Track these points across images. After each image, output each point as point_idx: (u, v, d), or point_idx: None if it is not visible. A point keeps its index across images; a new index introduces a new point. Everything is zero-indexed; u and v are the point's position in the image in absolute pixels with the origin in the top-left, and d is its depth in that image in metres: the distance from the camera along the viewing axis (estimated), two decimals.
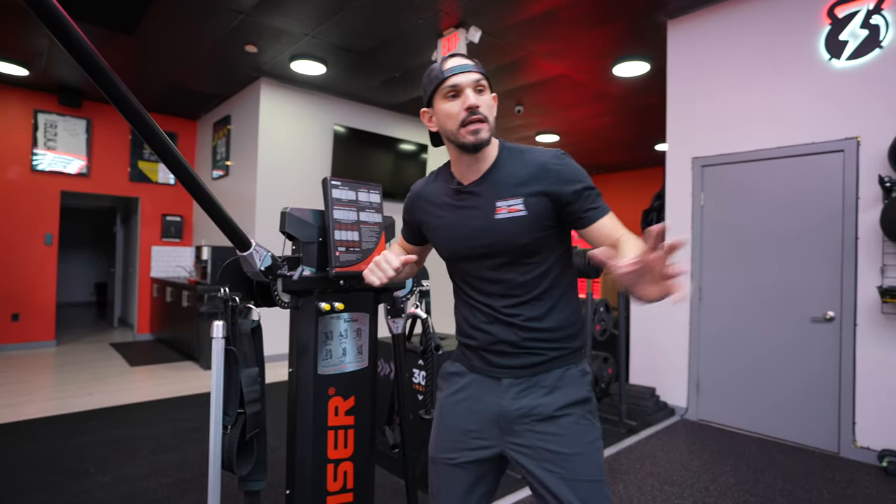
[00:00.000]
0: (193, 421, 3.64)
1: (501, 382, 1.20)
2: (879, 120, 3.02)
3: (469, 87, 1.12)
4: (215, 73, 5.51)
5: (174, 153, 1.14)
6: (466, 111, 1.11)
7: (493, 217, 1.14)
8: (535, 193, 1.12)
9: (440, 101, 1.15)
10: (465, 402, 1.25)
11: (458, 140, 1.14)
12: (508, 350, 1.19)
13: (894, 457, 2.87)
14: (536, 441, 1.15)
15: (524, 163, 1.16)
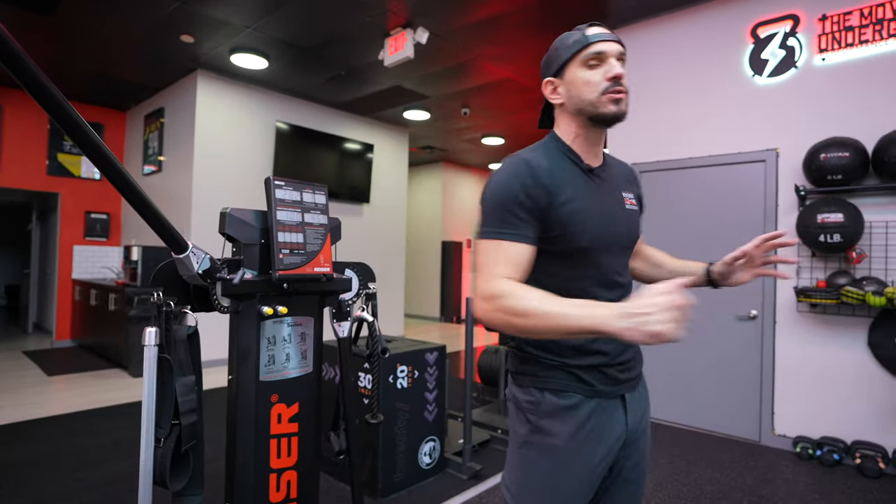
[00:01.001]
0: (121, 433, 3.41)
1: (625, 399, 1.09)
2: (796, 133, 3.28)
3: (614, 56, 1.05)
4: (147, 62, 5.19)
5: (100, 147, 1.05)
6: (610, 80, 1.03)
7: (625, 206, 1.13)
8: (637, 194, 1.21)
9: (578, 68, 1.05)
10: (591, 434, 1.03)
11: (597, 110, 1.03)
12: (631, 358, 1.11)
13: (807, 443, 3.13)
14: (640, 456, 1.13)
15: (619, 163, 1.24)
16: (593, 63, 1.04)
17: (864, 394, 3.02)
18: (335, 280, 1.74)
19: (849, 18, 3.15)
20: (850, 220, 2.89)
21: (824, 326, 3.16)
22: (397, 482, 2.60)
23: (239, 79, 5.61)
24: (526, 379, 1.08)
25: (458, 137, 7.97)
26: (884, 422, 2.97)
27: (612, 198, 1.10)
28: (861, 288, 2.89)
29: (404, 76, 5.40)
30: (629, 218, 1.13)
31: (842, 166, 2.96)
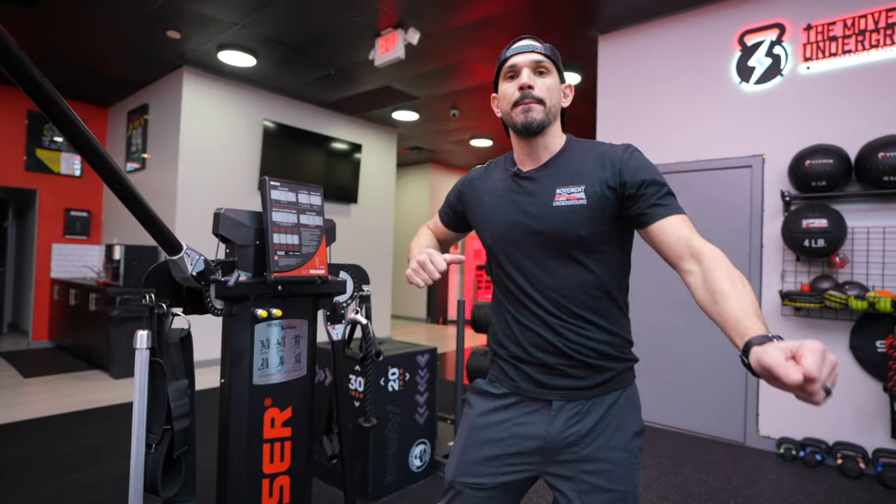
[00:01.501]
0: (103, 436, 3.33)
1: (552, 405, 1.08)
2: (781, 140, 3.34)
3: (527, 66, 1.08)
4: (132, 57, 5.09)
5: (93, 145, 1.03)
6: (519, 91, 1.07)
7: (552, 204, 1.06)
8: (599, 183, 1.04)
9: (502, 82, 1.13)
10: (503, 423, 1.12)
11: (511, 120, 1.10)
12: (561, 365, 1.07)
13: (790, 444, 3.18)
14: (581, 474, 1.05)
15: (590, 153, 1.10)
16: (510, 76, 1.12)
17: (845, 396, 3.09)
18: (330, 282, 1.72)
19: (833, 28, 3.22)
20: (834, 225, 2.95)
21: (808, 330, 3.22)
22: (388, 485, 2.58)
23: (226, 76, 5.53)
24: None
25: (446, 139, 7.97)
26: (864, 423, 3.04)
27: (535, 198, 1.09)
28: (844, 292, 2.95)
29: (394, 76, 5.38)
30: (558, 213, 1.05)
31: (826, 173, 3.02)
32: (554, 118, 1.11)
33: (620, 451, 1.06)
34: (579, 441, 1.06)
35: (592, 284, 1.07)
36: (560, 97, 1.13)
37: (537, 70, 1.09)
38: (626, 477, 1.05)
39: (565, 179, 1.08)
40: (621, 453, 1.06)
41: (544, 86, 1.08)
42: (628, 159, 1.04)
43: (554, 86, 1.10)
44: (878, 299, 2.83)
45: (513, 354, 1.13)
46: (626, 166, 1.03)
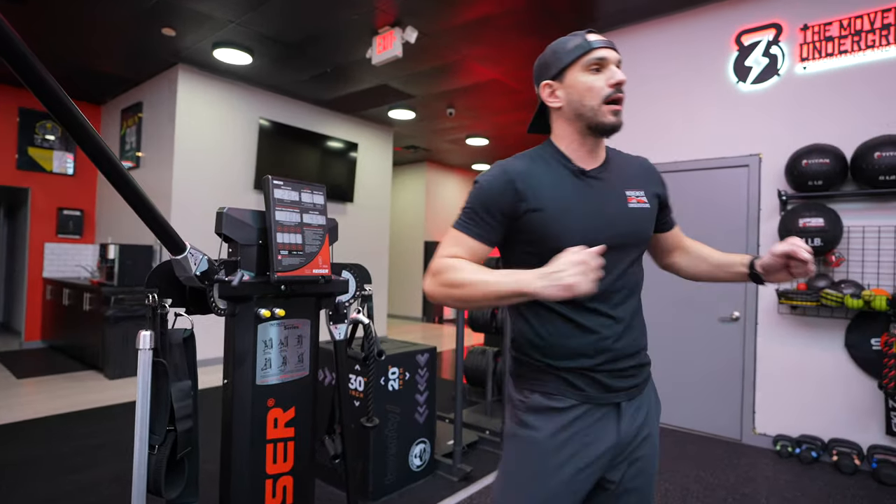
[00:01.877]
0: (100, 437, 3.30)
1: (620, 408, 1.06)
2: (778, 139, 3.36)
3: (615, 63, 1.06)
4: (126, 54, 5.04)
5: (98, 144, 1.02)
6: (613, 87, 1.03)
7: (627, 205, 1.09)
8: (651, 191, 1.16)
9: (580, 72, 1.04)
10: (575, 437, 1.03)
11: (597, 118, 1.05)
12: (629, 366, 1.07)
13: (786, 441, 3.21)
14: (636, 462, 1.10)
15: (631, 160, 1.22)
16: (595, 68, 1.05)
17: (840, 393, 3.12)
18: (333, 282, 1.71)
19: (829, 29, 3.24)
20: (830, 224, 2.98)
21: (804, 328, 3.24)
22: (388, 485, 2.58)
23: (222, 74, 5.50)
24: (521, 381, 1.11)
25: (442, 137, 7.96)
26: (859, 420, 3.07)
27: (610, 198, 1.08)
28: (840, 291, 2.98)
29: (391, 75, 5.37)
30: (632, 216, 1.08)
31: (822, 172, 3.04)
32: None
33: (656, 437, 1.17)
34: (640, 433, 1.10)
35: (641, 283, 1.15)
36: None
37: (618, 68, 1.07)
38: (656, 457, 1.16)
39: (627, 183, 1.12)
40: (656, 439, 1.17)
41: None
42: (660, 174, 1.24)
43: None
44: (874, 298, 2.85)
45: (576, 364, 1.04)
46: (662, 180, 1.23)
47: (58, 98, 0.90)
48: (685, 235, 1.34)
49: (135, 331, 4.91)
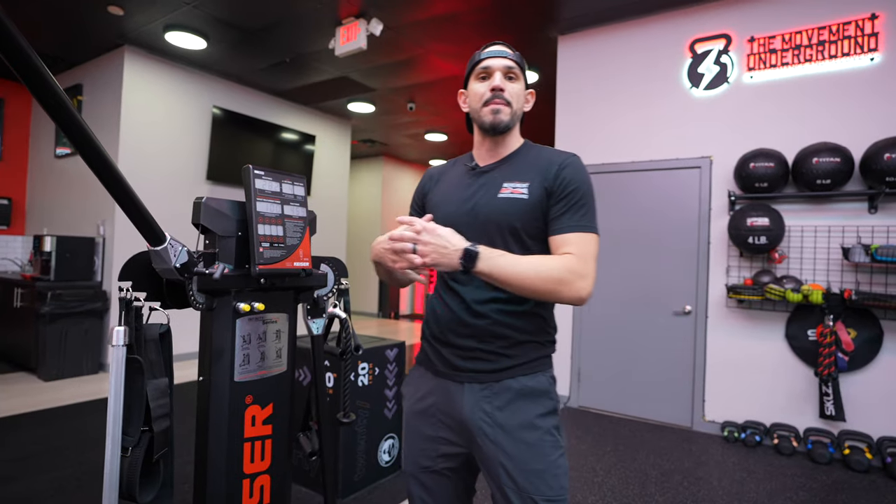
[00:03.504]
0: (36, 444, 3.07)
1: (463, 388, 1.16)
2: (728, 143, 3.57)
3: (499, 70, 1.19)
4: (65, 32, 4.69)
5: (76, 119, 0.95)
6: (491, 91, 1.17)
7: (497, 195, 1.17)
8: (539, 184, 1.15)
9: (473, 81, 1.23)
10: (430, 408, 1.22)
11: (480, 118, 1.20)
12: (477, 348, 1.15)
13: (733, 427, 3.42)
14: (495, 453, 1.11)
15: (538, 156, 1.21)
16: (482, 76, 1.21)
17: (781, 381, 3.36)
18: (313, 275, 1.67)
19: (772, 42, 3.47)
20: (774, 224, 3.19)
21: (749, 320, 3.47)
22: (357, 481, 2.55)
23: (173, 59, 5.21)
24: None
25: (401, 132, 7.91)
26: (797, 405, 3.32)
27: (484, 189, 1.20)
28: (782, 285, 3.20)
29: (351, 67, 5.28)
30: (499, 205, 1.16)
31: (767, 175, 3.26)
32: (517, 121, 1.23)
33: (532, 431, 1.10)
34: (489, 422, 1.12)
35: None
36: (523, 102, 1.24)
37: (507, 75, 1.20)
38: (540, 455, 1.10)
39: (513, 176, 1.18)
40: (533, 433, 1.10)
41: (513, 91, 1.19)
42: (565, 168, 1.15)
43: (520, 91, 1.22)
44: (811, 292, 3.09)
45: (433, 335, 1.22)
46: (559, 175, 1.14)
47: (33, 67, 0.83)
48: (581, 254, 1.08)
49: (73, 328, 4.64)
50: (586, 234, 1.10)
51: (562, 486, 1.10)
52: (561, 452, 1.12)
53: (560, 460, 1.11)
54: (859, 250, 2.99)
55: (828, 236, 3.23)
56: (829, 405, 3.10)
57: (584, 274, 1.05)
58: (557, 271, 1.03)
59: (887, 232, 3.08)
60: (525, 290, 1.03)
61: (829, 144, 3.14)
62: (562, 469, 1.11)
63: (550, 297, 1.05)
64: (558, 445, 1.12)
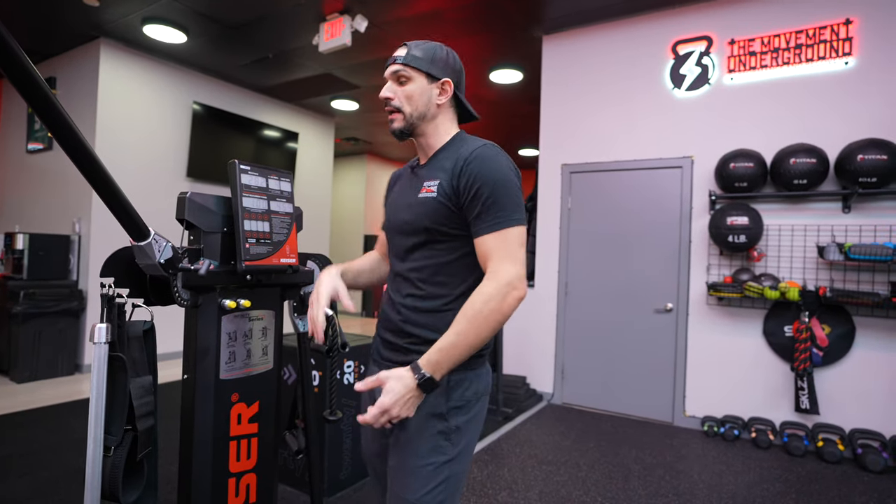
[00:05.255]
0: (9, 448, 2.98)
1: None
2: (709, 143, 3.63)
3: (389, 78, 1.19)
4: (37, 23, 4.55)
5: (60, 114, 0.92)
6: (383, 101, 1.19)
7: (417, 195, 1.16)
8: (448, 182, 1.11)
9: None
10: (369, 395, 1.22)
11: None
12: (391, 341, 1.20)
13: (712, 421, 3.49)
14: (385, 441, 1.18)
15: (455, 151, 1.15)
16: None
17: (759, 376, 3.44)
18: (299, 272, 1.66)
19: (752, 44, 3.54)
20: (753, 223, 3.26)
21: (729, 317, 3.54)
22: (343, 480, 2.54)
23: (151, 52, 5.11)
24: None
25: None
26: (773, 400, 3.40)
27: (411, 189, 1.21)
28: (760, 283, 3.27)
29: (335, 64, 5.24)
30: (416, 206, 1.15)
31: (747, 175, 3.33)
32: (421, 120, 1.18)
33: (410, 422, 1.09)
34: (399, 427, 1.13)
35: (432, 271, 1.15)
36: (429, 98, 1.17)
37: (399, 80, 1.17)
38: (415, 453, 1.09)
39: (430, 174, 1.17)
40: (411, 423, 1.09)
41: (403, 94, 1.16)
42: (471, 163, 1.08)
43: (415, 91, 1.16)
44: (788, 289, 3.17)
45: (378, 326, 1.28)
46: (465, 171, 1.08)
47: (15, 57, 0.81)
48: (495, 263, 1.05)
49: (48, 329, 4.51)
50: (503, 230, 1.04)
51: (428, 495, 1.06)
52: (441, 460, 1.08)
53: (434, 468, 1.08)
54: (833, 249, 3.08)
55: (804, 235, 3.32)
56: (805, 399, 3.18)
57: (507, 279, 1.02)
58: (487, 306, 1.01)
59: (860, 231, 3.17)
60: (481, 341, 1.03)
61: (805, 146, 3.22)
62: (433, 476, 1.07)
63: (502, 323, 1.04)
64: (439, 450, 1.09)
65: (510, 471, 2.84)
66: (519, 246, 1.05)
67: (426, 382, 1.01)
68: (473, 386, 1.14)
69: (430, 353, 1.02)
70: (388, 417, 1.00)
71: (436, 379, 1.01)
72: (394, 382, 1.01)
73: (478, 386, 1.15)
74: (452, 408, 1.10)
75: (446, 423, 1.10)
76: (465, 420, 1.12)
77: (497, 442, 3.29)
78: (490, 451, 3.14)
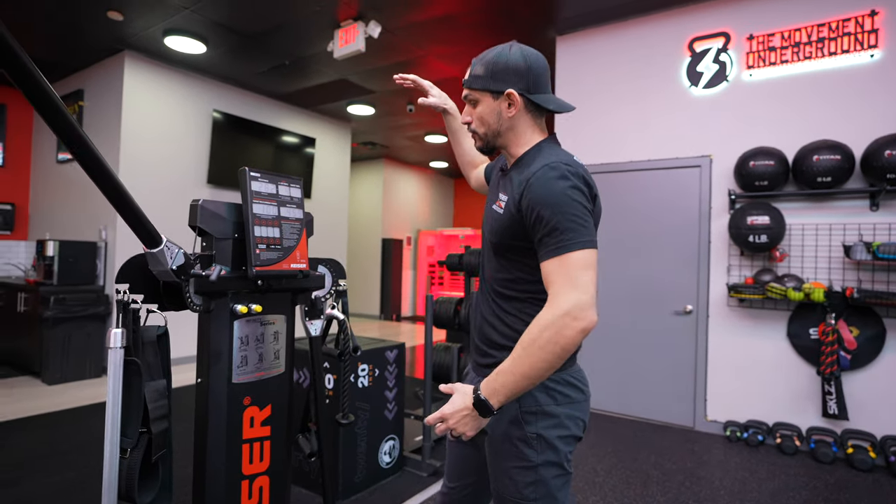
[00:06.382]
0: (39, 448, 3.08)
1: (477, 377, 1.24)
2: (728, 141, 3.56)
3: (465, 103, 1.22)
4: (66, 39, 4.71)
5: (74, 128, 0.96)
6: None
7: (492, 206, 1.22)
8: (513, 200, 1.10)
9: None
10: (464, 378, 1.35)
11: None
12: (482, 349, 1.24)
13: (735, 426, 3.41)
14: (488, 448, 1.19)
15: (526, 167, 1.13)
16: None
17: (783, 380, 3.34)
18: (310, 277, 1.68)
19: (772, 39, 3.46)
20: (775, 222, 3.18)
21: (751, 319, 3.45)
22: (358, 483, 2.55)
23: (173, 63, 5.24)
24: None
25: (401, 134, 7.92)
26: (799, 404, 3.30)
27: (493, 195, 1.25)
28: (783, 284, 3.19)
29: (351, 69, 5.29)
30: (491, 218, 1.20)
31: (767, 173, 3.25)
32: (496, 137, 1.19)
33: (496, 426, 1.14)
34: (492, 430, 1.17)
35: (506, 282, 1.17)
36: (499, 115, 1.16)
37: (470, 101, 1.20)
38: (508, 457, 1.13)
39: (506, 186, 1.17)
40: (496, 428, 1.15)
41: (476, 117, 1.20)
42: (533, 185, 1.06)
43: (485, 112, 1.17)
44: (813, 290, 3.08)
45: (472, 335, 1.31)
46: (527, 193, 1.06)
47: (27, 72, 0.84)
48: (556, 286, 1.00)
49: (76, 332, 4.65)
50: (564, 255, 0.99)
51: (522, 496, 1.10)
52: (523, 465, 1.10)
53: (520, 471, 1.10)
54: (861, 248, 2.98)
55: (829, 234, 3.22)
56: (832, 404, 3.08)
57: (566, 309, 0.95)
58: (542, 336, 0.96)
59: (889, 229, 3.07)
60: (537, 372, 0.97)
61: (829, 142, 3.14)
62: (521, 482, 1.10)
63: (560, 356, 0.96)
64: (521, 457, 1.10)
65: None
66: (582, 270, 0.98)
67: (480, 404, 1.00)
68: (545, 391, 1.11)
69: (490, 375, 1.02)
70: (446, 426, 1.03)
71: (491, 403, 0.99)
72: (457, 396, 1.05)
73: (554, 394, 1.12)
74: (525, 412, 1.10)
75: (522, 430, 1.10)
76: (547, 426, 1.10)
77: None
78: None
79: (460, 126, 1.57)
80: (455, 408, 1.02)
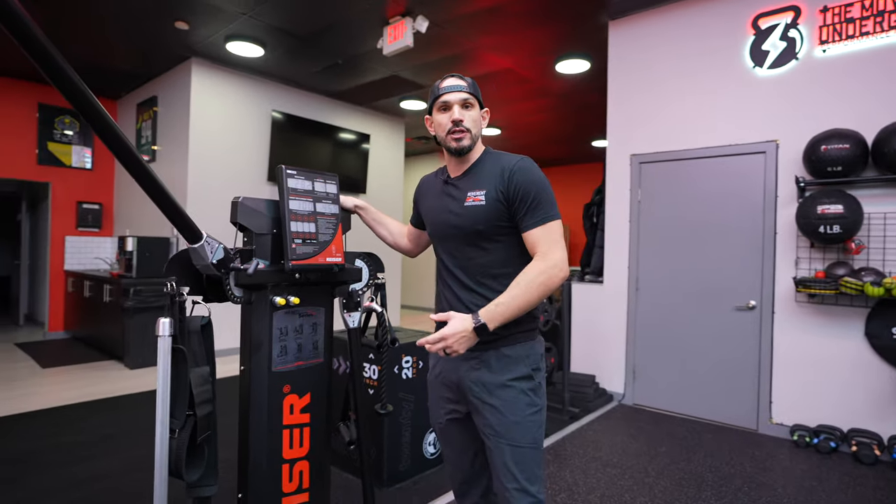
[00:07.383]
0: (118, 426, 3.38)
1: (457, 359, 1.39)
2: (796, 125, 3.30)
3: (457, 104, 1.40)
4: (140, 49, 5.10)
5: (118, 136, 1.04)
6: (452, 123, 1.39)
7: (464, 203, 1.41)
8: (495, 190, 1.36)
9: (435, 112, 1.45)
10: (439, 376, 1.51)
11: (445, 144, 1.44)
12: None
13: (804, 431, 3.18)
14: (481, 406, 1.37)
15: (495, 164, 1.41)
16: (443, 108, 1.43)
17: (860, 383, 3.07)
18: (346, 270, 1.73)
19: (850, 10, 3.16)
20: (850, 211, 2.92)
21: (822, 317, 3.20)
22: (402, 472, 2.61)
23: (235, 67, 5.53)
24: None
25: None
26: (879, 410, 3.02)
27: (454, 198, 1.44)
28: (860, 278, 2.92)
29: (401, 65, 5.36)
30: (466, 212, 1.39)
31: (841, 158, 2.98)
32: (477, 138, 1.44)
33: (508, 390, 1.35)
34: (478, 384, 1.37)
35: (490, 266, 1.40)
36: (481, 123, 1.47)
37: (465, 105, 1.41)
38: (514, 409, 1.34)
39: (474, 185, 1.41)
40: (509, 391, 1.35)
41: (470, 118, 1.41)
42: (516, 172, 1.36)
43: (477, 116, 1.44)
44: (895, 285, 2.80)
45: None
46: (512, 179, 1.35)
47: (78, 90, 0.92)
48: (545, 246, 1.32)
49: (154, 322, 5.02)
50: (547, 224, 1.32)
51: (534, 438, 1.35)
52: (535, 410, 1.36)
53: (533, 416, 1.35)
54: None
55: None
56: None
57: (554, 262, 1.28)
58: (538, 279, 1.27)
59: None
60: (528, 306, 1.28)
61: None
62: (534, 423, 1.36)
63: (545, 295, 1.29)
64: (533, 404, 1.36)
65: (572, 472, 2.77)
66: (560, 235, 1.34)
67: (480, 328, 1.24)
68: (535, 350, 1.42)
69: (488, 307, 1.27)
70: (444, 345, 1.23)
71: (488, 327, 1.24)
72: (457, 321, 1.25)
73: (539, 350, 1.44)
74: (533, 369, 1.40)
75: (532, 381, 1.38)
76: (542, 377, 1.42)
77: (561, 442, 3.22)
78: (553, 450, 3.08)
79: (374, 217, 1.83)
80: (455, 330, 1.23)
